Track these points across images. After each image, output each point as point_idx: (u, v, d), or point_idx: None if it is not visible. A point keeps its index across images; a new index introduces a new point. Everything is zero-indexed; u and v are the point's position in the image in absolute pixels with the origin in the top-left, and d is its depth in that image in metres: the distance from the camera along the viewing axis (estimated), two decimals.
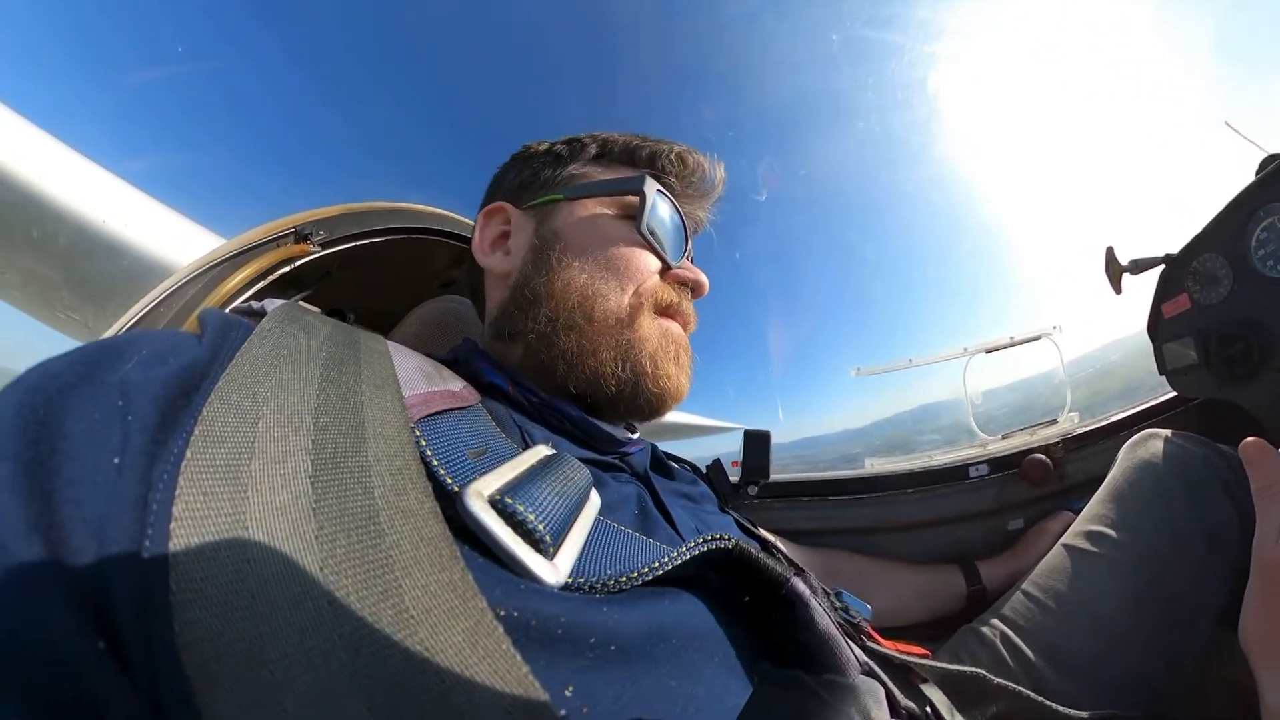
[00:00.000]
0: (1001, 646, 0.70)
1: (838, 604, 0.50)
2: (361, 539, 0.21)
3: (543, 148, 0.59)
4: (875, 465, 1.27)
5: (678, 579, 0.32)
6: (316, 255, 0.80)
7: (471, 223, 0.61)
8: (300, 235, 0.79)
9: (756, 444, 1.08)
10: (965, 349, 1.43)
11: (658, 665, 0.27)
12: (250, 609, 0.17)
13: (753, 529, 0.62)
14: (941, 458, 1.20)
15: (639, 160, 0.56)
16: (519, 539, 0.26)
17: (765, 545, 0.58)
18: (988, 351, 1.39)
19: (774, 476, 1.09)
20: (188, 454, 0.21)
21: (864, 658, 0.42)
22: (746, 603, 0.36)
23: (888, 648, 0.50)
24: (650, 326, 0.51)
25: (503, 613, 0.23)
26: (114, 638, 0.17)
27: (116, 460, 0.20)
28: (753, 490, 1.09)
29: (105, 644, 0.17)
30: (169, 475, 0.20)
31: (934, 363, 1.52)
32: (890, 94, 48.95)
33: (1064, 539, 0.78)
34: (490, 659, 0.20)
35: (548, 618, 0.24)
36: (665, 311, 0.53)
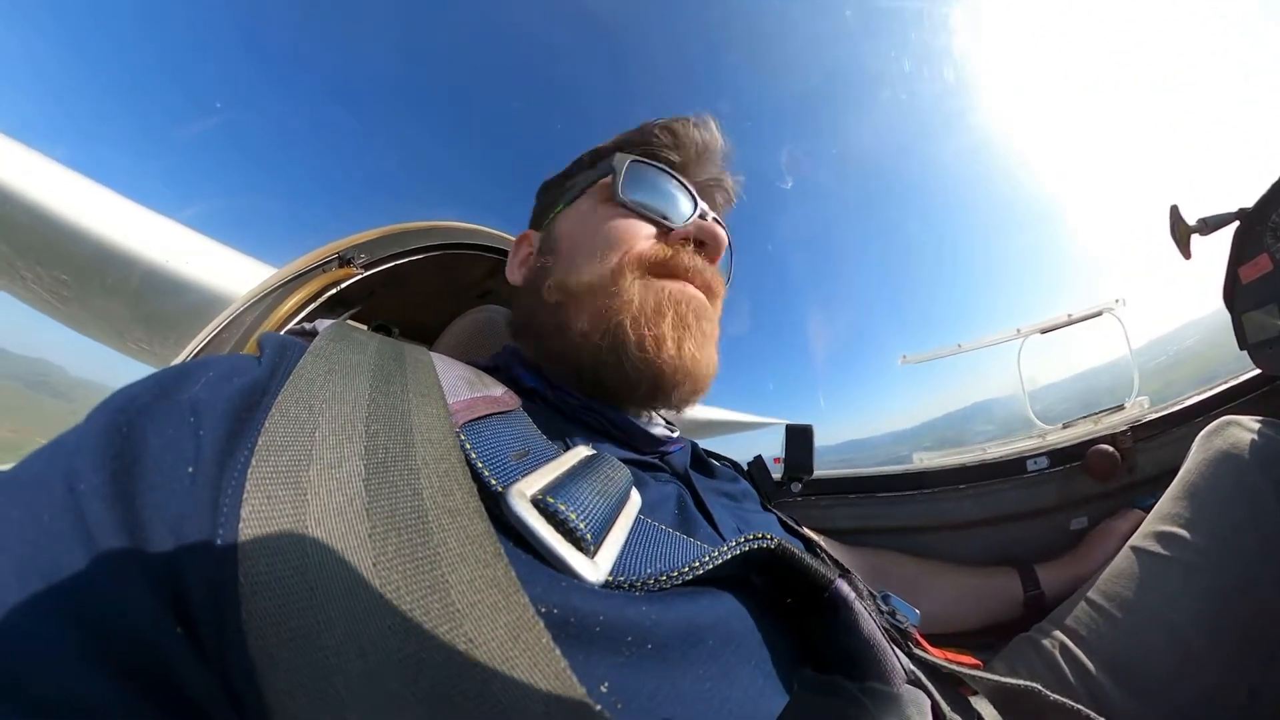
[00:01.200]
0: (1061, 659, 0.66)
1: (884, 608, 0.48)
2: (411, 537, 0.23)
3: (557, 174, 0.63)
4: (924, 459, 1.21)
5: (718, 579, 0.32)
6: (360, 276, 0.86)
7: (503, 234, 0.64)
8: (344, 259, 0.85)
9: (799, 439, 1.05)
10: (1019, 330, 1.33)
11: (694, 665, 0.27)
12: (309, 599, 0.19)
13: (796, 528, 0.61)
14: (996, 450, 1.14)
15: (627, 148, 0.56)
16: (561, 537, 0.27)
17: (809, 545, 0.57)
18: (1043, 332, 1.29)
19: (817, 473, 1.06)
20: (253, 462, 0.23)
21: (910, 666, 0.40)
22: (789, 605, 0.36)
23: (936, 656, 0.47)
24: (634, 287, 0.47)
25: (543, 609, 0.23)
26: (189, 622, 0.19)
27: (190, 469, 0.23)
28: (795, 487, 1.06)
29: (181, 628, 0.19)
30: (237, 481, 0.22)
31: (985, 347, 1.42)
32: (915, 61, 43.78)
33: (1132, 540, 0.73)
34: (530, 653, 0.20)
35: (587, 614, 0.25)
36: (663, 271, 0.49)
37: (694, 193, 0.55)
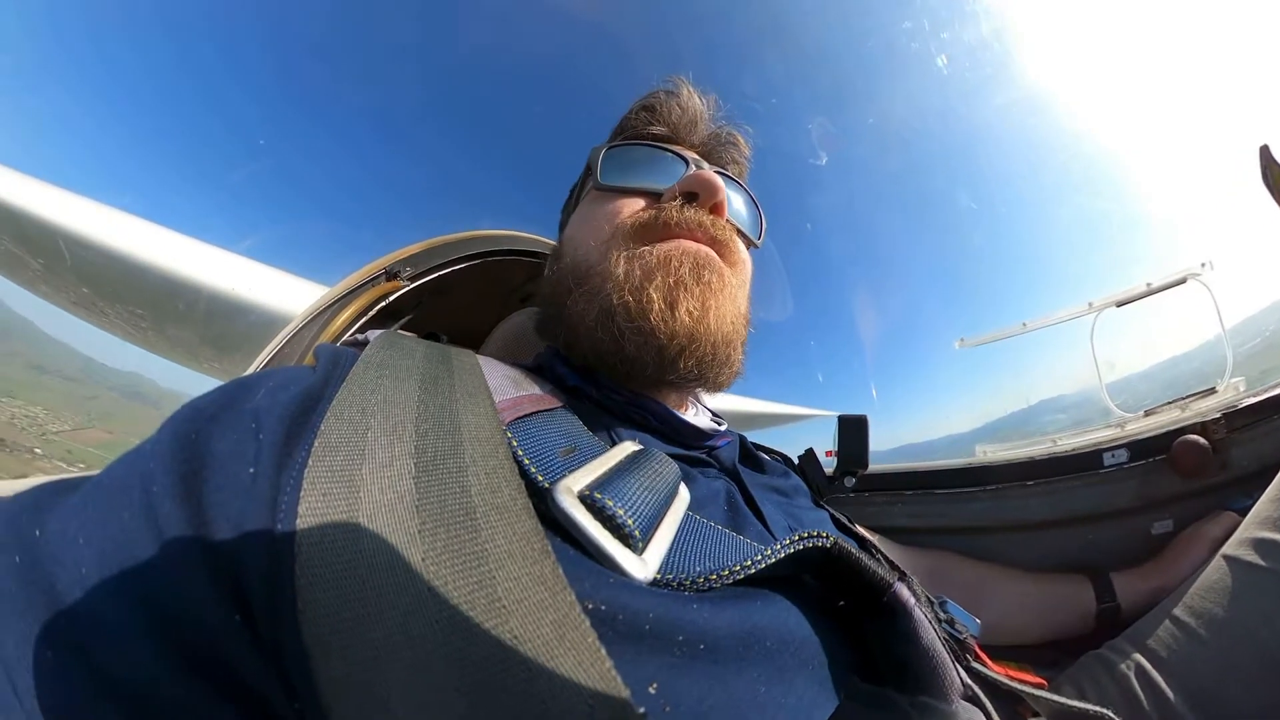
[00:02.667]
0: (1136, 682, 0.60)
1: (942, 615, 0.46)
2: (459, 533, 0.23)
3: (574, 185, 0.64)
4: (988, 453, 1.13)
5: (769, 579, 0.31)
6: (407, 289, 0.91)
7: (538, 238, 0.65)
8: (391, 274, 0.91)
9: (853, 431, 0.96)
10: (1090, 304, 1.18)
11: (749, 668, 0.26)
12: (361, 592, 0.20)
13: (850, 526, 0.58)
14: (1069, 442, 1.04)
15: (618, 136, 0.57)
16: (608, 533, 0.27)
17: (864, 544, 0.54)
18: (1119, 304, 1.15)
19: (872, 468, 0.98)
20: (309, 462, 0.24)
21: (967, 681, 0.38)
22: (842, 609, 0.34)
23: (996, 672, 0.44)
24: (620, 260, 0.44)
25: (590, 606, 0.23)
26: (247, 611, 0.21)
27: (251, 470, 0.24)
28: (849, 482, 0.99)
29: (240, 615, 0.21)
30: (294, 480, 0.23)
31: (1053, 324, 1.27)
32: (950, 7, 36.04)
33: (1225, 548, 0.65)
34: (575, 651, 0.20)
35: (636, 612, 0.24)
36: (651, 235, 0.46)
37: (685, 156, 0.53)
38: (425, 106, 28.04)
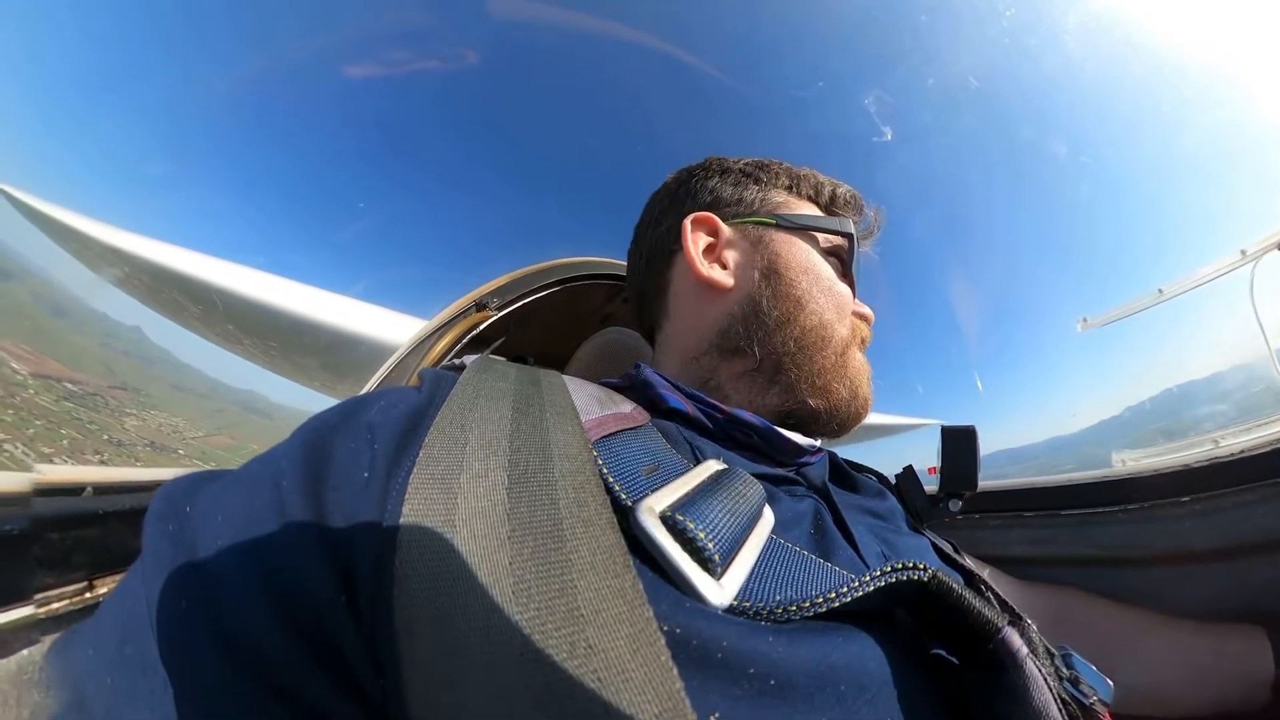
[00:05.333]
0: None
1: (1064, 671, 0.39)
2: (545, 542, 0.25)
3: (737, 165, 0.61)
4: (1128, 460, 0.95)
5: (857, 612, 0.29)
6: (495, 318, 1.03)
7: (610, 260, 0.66)
8: (480, 305, 1.04)
9: (959, 443, 0.83)
10: (1243, 252, 0.94)
11: (818, 711, 0.25)
12: (451, 587, 0.22)
13: (954, 556, 0.53)
14: (1235, 441, 0.83)
15: (821, 196, 0.61)
16: (687, 556, 0.27)
17: (970, 579, 0.49)
18: None
19: (983, 486, 0.84)
20: (415, 470, 0.27)
21: None
22: (938, 654, 0.31)
23: None
24: (861, 355, 0.56)
25: (665, 627, 0.23)
26: (352, 592, 0.24)
27: (365, 474, 0.28)
28: (955, 505, 0.86)
29: (345, 596, 0.24)
30: (401, 484, 0.26)
31: (1197, 286, 1.01)
32: None
33: None
34: (647, 668, 0.21)
35: (709, 639, 0.24)
36: (863, 345, 0.58)
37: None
38: (491, 159, 29.95)
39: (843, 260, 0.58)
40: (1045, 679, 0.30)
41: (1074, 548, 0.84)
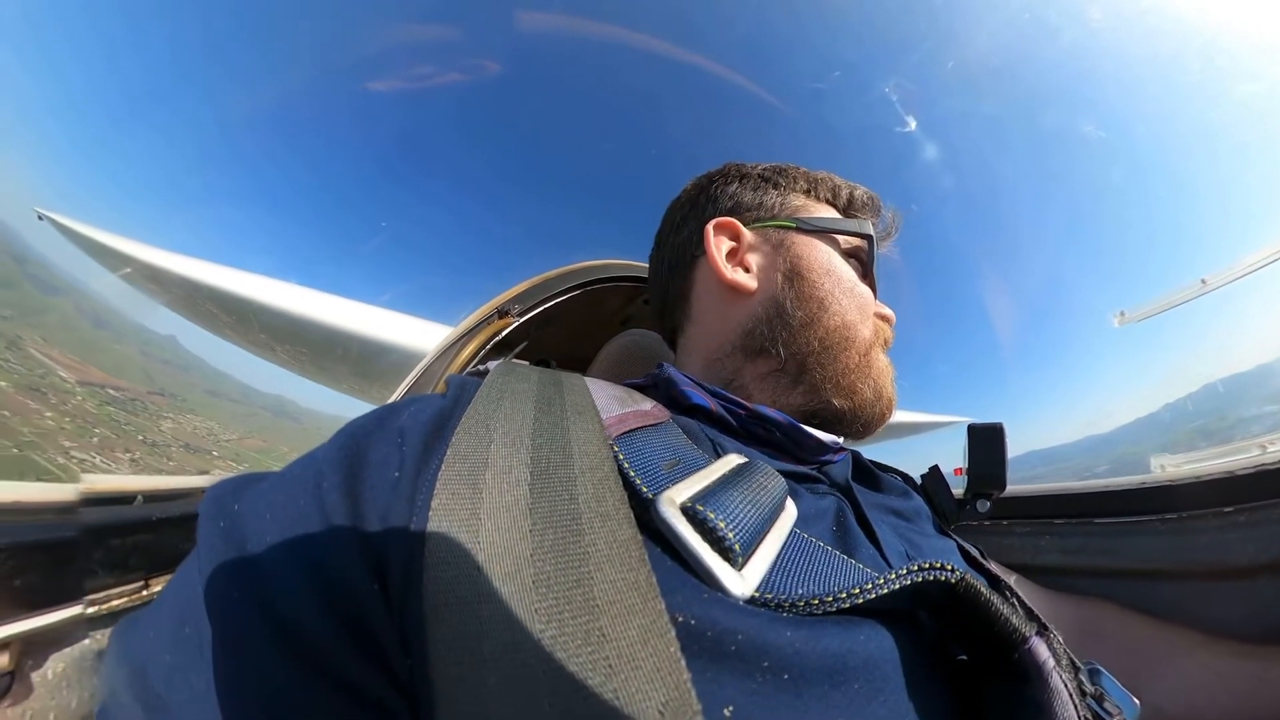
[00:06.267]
0: None
1: (1089, 687, 0.38)
2: (565, 535, 0.26)
3: (755, 170, 0.62)
4: (1168, 466, 0.90)
5: (879, 611, 0.29)
6: (517, 323, 1.06)
7: (629, 263, 0.67)
8: (502, 312, 1.07)
9: (986, 442, 0.77)
10: None
11: (832, 709, 0.25)
12: (475, 576, 0.24)
13: (980, 560, 0.51)
14: None
15: (839, 199, 0.61)
16: (708, 547, 0.27)
17: (996, 584, 0.46)
18: None
19: (1011, 488, 0.78)
20: (442, 468, 0.28)
21: None
22: (959, 659, 0.31)
23: None
24: (884, 356, 0.57)
25: (680, 618, 0.24)
26: (384, 581, 0.26)
27: (396, 474, 0.29)
28: (982, 506, 0.79)
29: (378, 585, 0.25)
30: (429, 482, 0.28)
31: (1245, 275, 0.93)
32: None
33: None
34: (655, 658, 0.22)
35: (725, 630, 0.25)
36: (885, 346, 0.58)
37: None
38: (509, 168, 30.32)
39: (863, 262, 0.58)
40: (1069, 693, 0.29)
41: (1107, 558, 0.80)
